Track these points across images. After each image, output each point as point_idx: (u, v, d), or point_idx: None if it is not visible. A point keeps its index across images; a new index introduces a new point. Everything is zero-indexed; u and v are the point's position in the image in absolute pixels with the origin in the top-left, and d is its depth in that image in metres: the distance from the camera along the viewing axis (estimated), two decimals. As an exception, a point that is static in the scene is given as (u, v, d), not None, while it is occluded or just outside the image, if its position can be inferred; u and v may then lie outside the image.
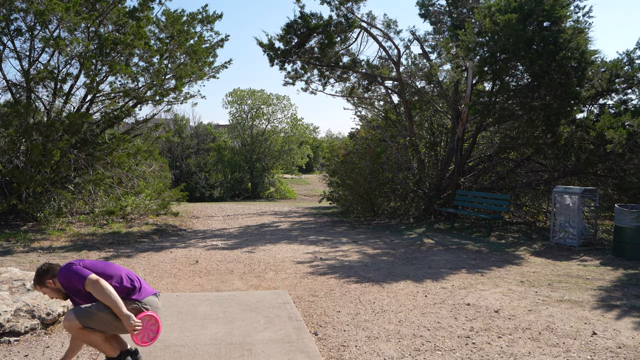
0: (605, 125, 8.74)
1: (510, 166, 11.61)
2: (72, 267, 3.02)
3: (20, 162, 9.46)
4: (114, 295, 2.94)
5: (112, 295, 2.93)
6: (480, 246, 8.36)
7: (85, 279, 2.94)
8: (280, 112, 29.70)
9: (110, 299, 2.92)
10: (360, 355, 3.61)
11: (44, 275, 3.11)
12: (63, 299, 3.15)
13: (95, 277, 2.95)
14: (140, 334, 3.01)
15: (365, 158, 12.46)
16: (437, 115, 13.04)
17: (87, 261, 3.15)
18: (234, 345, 3.73)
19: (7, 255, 7.01)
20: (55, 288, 3.11)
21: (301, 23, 11.77)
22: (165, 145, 24.15)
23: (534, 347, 3.76)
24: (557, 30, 8.97)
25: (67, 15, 8.58)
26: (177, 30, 10.34)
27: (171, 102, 11.23)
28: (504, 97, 9.63)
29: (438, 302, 4.95)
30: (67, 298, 3.16)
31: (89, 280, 2.94)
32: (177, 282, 5.77)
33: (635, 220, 7.25)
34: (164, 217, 11.45)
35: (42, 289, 3.13)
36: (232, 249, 8.03)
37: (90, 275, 2.96)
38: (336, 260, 7.06)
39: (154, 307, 3.17)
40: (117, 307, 2.93)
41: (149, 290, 3.22)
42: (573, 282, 5.85)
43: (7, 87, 9.52)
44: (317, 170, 45.29)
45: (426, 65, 12.87)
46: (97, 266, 3.11)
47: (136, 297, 3.09)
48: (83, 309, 2.97)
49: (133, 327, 2.95)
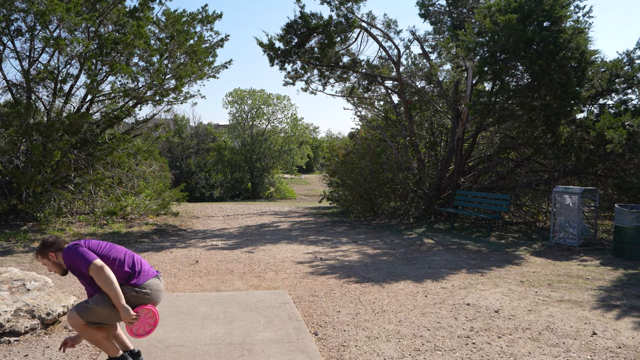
0: (605, 125, 8.74)
1: (510, 166, 11.61)
2: (78, 249, 3.01)
3: (20, 162, 9.46)
4: (115, 285, 2.92)
5: (113, 284, 2.92)
6: (480, 246, 8.36)
7: (90, 264, 2.93)
8: (280, 112, 29.72)
9: (110, 288, 2.91)
10: (360, 355, 3.61)
11: (49, 247, 3.11)
12: (61, 274, 3.15)
13: (100, 264, 2.94)
14: (136, 326, 3.00)
15: (365, 158, 12.46)
16: (437, 115, 13.04)
17: (93, 242, 3.14)
18: (234, 345, 3.73)
19: (7, 255, 7.01)
20: (57, 262, 3.11)
21: (301, 23, 11.77)
22: (165, 145, 24.16)
23: (534, 347, 3.76)
24: (557, 30, 8.97)
25: (67, 16, 8.58)
26: (177, 30, 10.34)
27: (171, 102, 11.24)
28: (504, 97, 9.63)
29: (438, 302, 4.95)
30: (66, 274, 3.17)
31: (94, 266, 2.93)
32: (177, 282, 5.77)
33: (635, 220, 7.25)
34: (164, 217, 11.45)
35: (43, 259, 3.13)
36: (232, 249, 8.03)
37: (95, 260, 2.95)
38: (336, 260, 7.06)
39: (154, 290, 3.14)
40: (116, 298, 2.92)
41: (150, 273, 3.18)
42: (573, 282, 5.85)
43: (7, 87, 9.52)
44: (317, 170, 45.30)
45: (426, 65, 12.87)
46: (102, 248, 3.10)
47: (135, 281, 3.07)
48: (82, 305, 3.00)
49: (129, 319, 2.94)
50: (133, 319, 2.95)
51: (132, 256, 3.19)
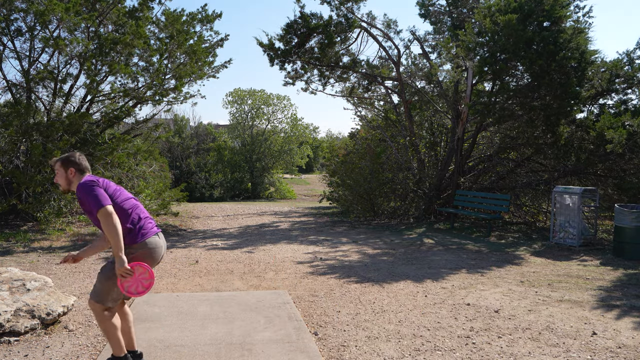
0: (605, 125, 8.74)
1: (510, 166, 11.61)
2: (94, 188, 2.97)
3: (20, 162, 9.46)
4: (119, 234, 2.90)
5: (117, 234, 2.89)
6: (480, 246, 8.36)
7: (100, 208, 2.91)
8: (280, 112, 29.73)
9: (113, 235, 2.88)
10: (360, 355, 3.61)
11: (74, 163, 3.13)
12: (64, 190, 3.15)
13: (110, 211, 2.92)
14: (128, 282, 2.95)
15: (365, 158, 12.46)
16: (437, 115, 13.04)
17: (112, 186, 3.10)
18: (234, 345, 3.73)
19: (7, 255, 7.01)
20: (70, 179, 3.11)
21: (301, 23, 11.77)
22: (165, 145, 24.15)
23: (534, 347, 3.76)
24: (557, 30, 8.97)
25: (67, 16, 8.58)
26: (177, 30, 10.34)
27: (171, 102, 11.24)
28: (504, 97, 9.63)
29: (438, 302, 4.95)
30: (67, 193, 3.15)
31: (104, 211, 2.90)
32: (177, 282, 5.77)
33: (635, 220, 7.25)
34: (164, 217, 11.45)
35: (60, 169, 3.12)
36: (232, 249, 8.03)
37: (107, 205, 2.92)
38: (336, 260, 7.06)
39: (153, 248, 3.11)
40: (116, 247, 2.89)
41: (150, 232, 3.15)
42: (573, 282, 5.85)
43: (7, 87, 9.52)
44: (317, 170, 45.30)
45: (426, 65, 12.87)
46: (116, 196, 3.07)
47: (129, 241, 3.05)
48: (93, 291, 3.05)
49: (123, 271, 2.89)
50: (127, 272, 2.90)
51: (139, 213, 3.16)
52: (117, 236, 2.89)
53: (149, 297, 4.99)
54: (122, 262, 2.89)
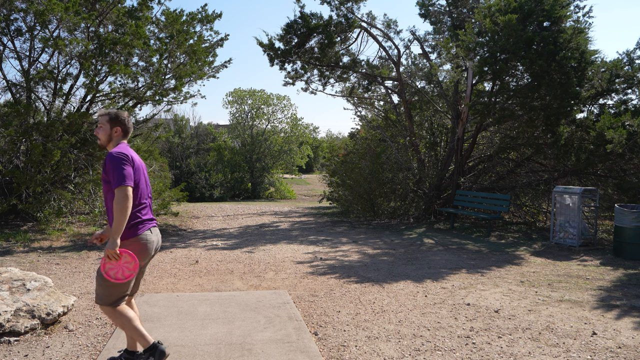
0: (605, 125, 8.74)
1: (510, 166, 11.61)
2: (123, 165, 2.93)
3: (20, 162, 9.46)
4: (125, 218, 2.88)
5: (124, 216, 2.87)
6: (480, 246, 8.36)
7: (121, 184, 2.87)
8: (280, 112, 29.71)
9: (119, 217, 2.86)
10: (360, 355, 3.61)
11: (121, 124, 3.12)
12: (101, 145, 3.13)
13: (129, 194, 2.88)
14: (110, 265, 2.93)
15: (365, 158, 12.45)
16: (437, 115, 13.04)
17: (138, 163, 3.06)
18: (234, 345, 3.73)
19: (7, 255, 7.01)
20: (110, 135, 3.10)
21: (301, 23, 11.77)
22: (165, 145, 24.15)
23: (534, 347, 3.76)
24: (557, 30, 8.98)
25: (66, 16, 8.57)
26: (177, 29, 10.33)
27: (171, 102, 11.23)
28: (504, 97, 9.63)
29: (438, 302, 4.95)
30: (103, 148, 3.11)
31: (123, 190, 2.87)
32: (177, 282, 5.77)
33: (635, 220, 7.25)
34: (164, 217, 11.45)
35: (106, 124, 3.10)
36: (232, 249, 8.03)
37: (128, 185, 2.89)
38: (336, 260, 7.05)
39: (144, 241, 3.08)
40: (117, 228, 2.87)
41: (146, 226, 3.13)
42: (573, 282, 5.85)
43: (7, 87, 9.51)
44: (317, 170, 45.30)
45: (426, 65, 12.87)
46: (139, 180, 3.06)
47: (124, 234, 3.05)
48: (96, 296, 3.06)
49: (111, 252, 2.87)
50: (114, 254, 2.88)
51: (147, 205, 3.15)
52: (123, 219, 2.87)
53: (149, 297, 4.99)
54: (114, 245, 2.87)
